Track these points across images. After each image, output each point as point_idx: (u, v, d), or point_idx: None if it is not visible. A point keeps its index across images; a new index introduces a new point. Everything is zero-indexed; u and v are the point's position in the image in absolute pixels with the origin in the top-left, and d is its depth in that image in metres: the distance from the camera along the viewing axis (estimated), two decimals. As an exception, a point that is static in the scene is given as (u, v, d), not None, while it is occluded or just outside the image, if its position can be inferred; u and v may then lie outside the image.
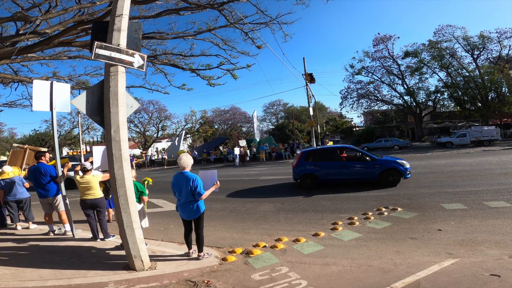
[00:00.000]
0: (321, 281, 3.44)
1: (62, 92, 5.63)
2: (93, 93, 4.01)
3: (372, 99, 42.65)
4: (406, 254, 4.07)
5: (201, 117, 52.65)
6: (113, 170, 3.80)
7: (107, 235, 5.48)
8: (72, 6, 9.53)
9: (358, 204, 7.16)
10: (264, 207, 7.68)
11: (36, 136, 46.90)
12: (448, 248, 4.15)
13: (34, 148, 9.69)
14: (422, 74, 38.18)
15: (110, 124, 3.79)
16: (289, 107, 57.99)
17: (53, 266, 4.24)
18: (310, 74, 23.76)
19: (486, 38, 32.97)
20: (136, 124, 45.75)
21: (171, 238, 5.48)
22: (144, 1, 9.30)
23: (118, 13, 3.86)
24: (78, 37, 10.44)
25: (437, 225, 5.21)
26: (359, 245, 4.60)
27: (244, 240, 5.24)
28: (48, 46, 9.48)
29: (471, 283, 3.08)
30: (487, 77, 31.50)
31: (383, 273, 3.50)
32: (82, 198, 5.34)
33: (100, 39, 3.77)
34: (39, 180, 5.71)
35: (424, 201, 6.89)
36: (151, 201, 9.02)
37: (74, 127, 45.13)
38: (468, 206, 6.16)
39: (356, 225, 5.62)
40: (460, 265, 3.56)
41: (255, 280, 3.58)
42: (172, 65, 13.29)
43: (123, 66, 3.90)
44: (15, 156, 9.46)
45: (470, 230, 4.81)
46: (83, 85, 14.49)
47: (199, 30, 12.40)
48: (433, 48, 35.11)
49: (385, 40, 38.32)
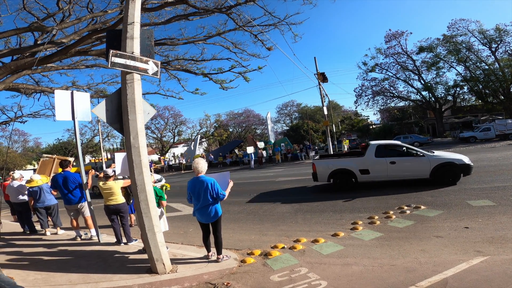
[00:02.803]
0: (342, 281, 3.36)
1: (82, 101, 5.82)
2: (112, 101, 4.12)
3: (388, 96, 41.63)
4: (432, 253, 3.92)
5: (215, 121, 53.14)
6: (133, 176, 3.88)
7: (130, 239, 5.62)
8: (85, 15, 9.89)
9: (378, 203, 6.98)
10: (281, 209, 7.63)
11: (59, 145, 48.78)
12: (476, 246, 3.97)
13: (62, 158, 10.10)
14: (439, 69, 36.95)
15: (129, 131, 3.87)
16: (303, 107, 57.52)
17: (80, 271, 4.40)
18: (323, 73, 23.49)
19: (502, 31, 31.65)
20: (153, 130, 46.69)
21: (191, 241, 5.54)
22: (153, 8, 9.52)
23: (129, 21, 3.96)
24: (93, 46, 10.81)
25: (463, 223, 4.99)
26: (380, 245, 4.47)
27: (262, 241, 5.21)
28: (66, 55, 9.86)
29: (502, 281, 2.93)
30: (508, 70, 30.15)
31: (407, 272, 3.39)
32: (106, 203, 5.52)
33: (114, 48, 3.87)
34: (68, 187, 5.93)
35: (449, 198, 6.63)
36: (170, 205, 9.16)
37: (95, 135, 46.63)
38: (496, 203, 5.87)
39: (377, 225, 5.47)
40: (490, 262, 3.39)
41: (274, 282, 3.55)
42: (184, 70, 13.51)
43: (138, 73, 3.99)
44: (44, 165, 9.88)
45: (499, 227, 4.57)
46: (101, 93, 14.96)
47: (208, 34, 12.56)
48: (448, 42, 34.02)
49: (397, 36, 37.42)
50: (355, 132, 46.19)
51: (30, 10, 10.46)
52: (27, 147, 49.81)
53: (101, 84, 15.67)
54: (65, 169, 6.10)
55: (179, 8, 10.74)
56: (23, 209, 7.20)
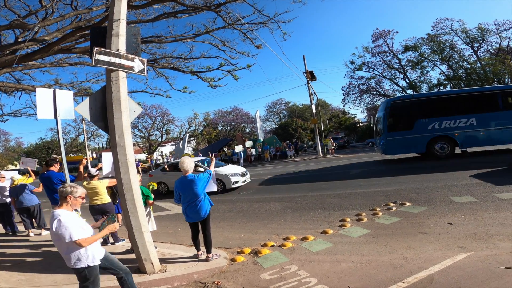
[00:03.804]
0: (331, 278, 3.40)
1: (65, 99, 5.67)
2: (96, 99, 4.03)
3: (375, 94, 42.39)
4: (418, 249, 4.01)
5: (204, 119, 52.79)
6: (119, 175, 3.82)
7: (117, 239, 5.54)
8: (69, 13, 9.61)
9: (365, 200, 7.10)
10: (270, 207, 7.65)
11: (42, 145, 47.41)
12: (460, 242, 4.08)
13: None
14: (423, 68, 37.94)
15: (114, 129, 3.80)
16: (291, 105, 57.88)
17: (66, 271, 4.27)
18: (311, 71, 23.69)
19: (484, 30, 32.76)
20: (140, 129, 45.99)
21: (180, 241, 5.49)
22: (140, 6, 9.33)
23: (115, 18, 3.87)
24: (77, 43, 10.50)
25: (447, 219, 5.13)
26: (368, 241, 4.55)
27: (252, 240, 5.22)
28: (48, 53, 9.55)
29: (486, 277, 3.01)
30: (489, 69, 31.26)
31: (395, 268, 3.46)
32: (91, 203, 5.43)
33: (99, 45, 3.78)
34: (52, 187, 5.77)
35: (433, 195, 6.80)
36: (158, 204, 9.05)
37: (79, 134, 45.54)
38: (478, 199, 6.06)
39: (365, 221, 5.56)
40: (474, 258, 3.49)
41: (265, 280, 3.56)
42: (172, 68, 13.31)
43: (123, 71, 3.91)
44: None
45: (482, 223, 4.72)
46: (85, 91, 14.57)
47: (197, 32, 12.40)
48: (432, 41, 34.95)
49: (384, 35, 38.10)
50: (343, 130, 46.87)
51: (11, 8, 10.08)
52: (8, 147, 48.14)
53: (86, 82, 15.24)
54: (50, 169, 5.93)
55: (167, 5, 10.57)
56: (4, 209, 6.97)
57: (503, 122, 12.07)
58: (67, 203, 2.73)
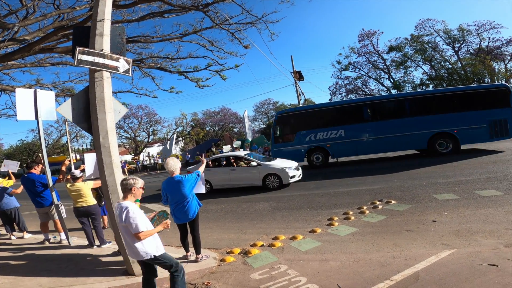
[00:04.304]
0: (321, 277, 3.44)
1: (46, 100, 5.53)
2: (79, 100, 3.94)
3: (361, 94, 43.15)
4: (403, 247, 4.11)
5: (192, 119, 52.27)
6: (104, 177, 3.75)
7: (103, 241, 5.44)
8: (51, 12, 9.30)
9: (352, 199, 7.21)
10: (259, 206, 7.66)
11: (23, 146, 45.79)
12: (443, 239, 4.20)
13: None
14: (407, 68, 38.92)
15: (98, 130, 3.73)
16: (280, 105, 58.10)
17: (51, 274, 4.23)
18: (299, 71, 23.89)
19: (465, 31, 33.93)
20: (126, 130, 45.03)
21: (168, 242, 5.42)
22: (126, 5, 9.14)
23: (99, 17, 3.79)
24: (59, 43, 10.19)
25: (431, 216, 5.27)
26: (356, 240, 4.62)
27: (242, 240, 5.22)
28: (29, 53, 9.24)
29: (470, 273, 3.10)
30: (469, 69, 32.37)
31: (382, 266, 3.52)
32: (75, 206, 5.32)
33: (82, 45, 3.69)
34: (33, 190, 5.63)
35: (417, 193, 6.98)
36: (145, 206, 8.90)
37: (62, 135, 44.23)
38: (460, 196, 6.26)
39: (352, 220, 5.65)
40: (457, 255, 3.60)
41: (255, 280, 3.56)
42: (159, 68, 13.12)
43: (108, 71, 3.83)
44: None
45: (464, 220, 4.87)
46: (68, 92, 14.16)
47: (185, 32, 12.25)
48: (415, 42, 35.91)
49: (370, 36, 38.85)
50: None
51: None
52: (-14, 149, 46.21)
53: (68, 82, 14.80)
54: (30, 171, 5.76)
55: (154, 5, 10.39)
56: None
57: (369, 133, 13.03)
58: (131, 194, 2.87)
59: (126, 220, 2.67)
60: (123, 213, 2.69)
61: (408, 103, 13.08)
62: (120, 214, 2.71)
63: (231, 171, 10.10)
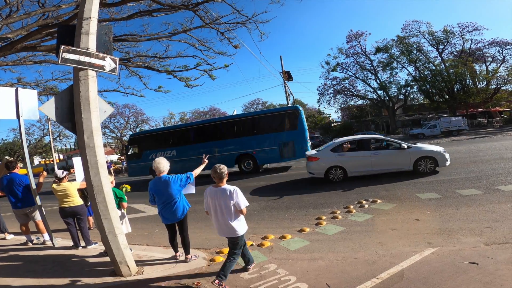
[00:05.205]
0: (309, 276, 3.48)
1: (28, 99, 5.38)
2: (62, 99, 3.85)
3: (348, 94, 43.85)
4: (389, 245, 4.20)
5: (180, 119, 51.74)
6: (89, 177, 3.67)
7: (89, 242, 5.34)
8: (35, 10, 9.06)
9: (339, 198, 7.32)
10: (248, 206, 7.64)
11: (4, 146, 44.18)
12: (426, 238, 4.32)
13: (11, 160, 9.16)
14: (393, 69, 39.85)
15: (83, 130, 3.64)
16: (268, 105, 58.32)
17: (36, 276, 4.14)
18: (288, 72, 24.02)
19: (449, 32, 34.94)
20: (112, 129, 44.15)
21: (157, 242, 5.37)
22: (113, 4, 8.97)
23: (85, 16, 3.70)
24: (43, 41, 9.91)
25: (414, 215, 5.42)
26: (343, 239, 4.70)
27: (230, 241, 5.21)
28: (11, 51, 8.96)
29: (452, 272, 3.20)
30: (452, 70, 33.34)
31: (368, 265, 3.60)
32: (61, 206, 5.18)
33: (67, 43, 3.59)
34: (14, 191, 5.45)
35: (401, 192, 7.16)
36: (133, 206, 8.77)
37: (44, 135, 42.89)
38: (441, 195, 6.46)
39: (339, 219, 5.74)
40: (440, 254, 3.70)
41: (245, 279, 3.57)
42: (146, 67, 12.94)
43: (93, 70, 3.75)
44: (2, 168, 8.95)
45: (446, 219, 5.03)
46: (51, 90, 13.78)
47: (174, 31, 12.13)
48: (401, 43, 36.74)
49: (358, 37, 39.53)
50: (318, 130, 47.93)
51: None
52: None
53: (51, 81, 14.43)
54: (12, 171, 5.58)
55: (142, 3, 10.24)
56: None
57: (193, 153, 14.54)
58: (226, 179, 3.46)
59: (237, 198, 3.32)
60: (234, 193, 3.32)
61: (221, 127, 15.20)
62: (231, 195, 3.31)
63: (373, 155, 9.04)
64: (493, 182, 6.96)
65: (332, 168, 9.22)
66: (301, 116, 13.70)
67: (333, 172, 9.24)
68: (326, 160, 9.31)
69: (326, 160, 9.31)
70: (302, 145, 13.38)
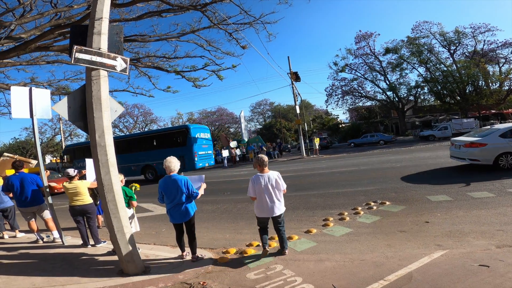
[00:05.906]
0: (316, 277, 3.46)
1: (42, 98, 5.50)
2: (75, 98, 3.93)
3: (356, 95, 43.39)
4: (397, 247, 4.15)
5: (188, 119, 52.16)
6: (100, 176, 3.73)
7: (98, 241, 5.41)
8: (48, 10, 9.28)
9: (347, 200, 7.26)
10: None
11: (16, 145, 45.24)
12: (436, 240, 4.25)
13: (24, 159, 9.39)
14: (403, 70, 39.19)
15: (95, 129, 3.71)
16: (276, 106, 58.31)
17: (45, 274, 4.20)
18: (295, 72, 23.95)
19: (461, 33, 34.22)
20: (121, 129, 44.86)
21: (164, 242, 5.42)
22: (124, 4, 9.12)
23: (97, 16, 3.77)
24: (56, 41, 10.14)
25: (424, 217, 5.33)
26: (350, 240, 4.66)
27: (237, 240, 5.23)
28: (25, 51, 9.19)
29: (462, 274, 3.14)
30: (464, 71, 32.61)
31: (376, 266, 3.56)
32: (71, 204, 5.26)
33: (79, 43, 3.67)
34: (26, 189, 5.54)
35: (411, 194, 7.06)
36: (141, 205, 8.87)
37: (56, 134, 43.78)
38: (452, 198, 6.34)
39: (347, 221, 5.69)
40: (450, 256, 3.64)
41: (251, 279, 3.57)
42: (156, 67, 13.11)
43: (105, 70, 3.81)
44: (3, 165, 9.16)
45: (457, 221, 4.93)
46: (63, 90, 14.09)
47: (182, 31, 12.27)
48: (411, 44, 36.11)
49: (367, 37, 39.07)
50: (326, 131, 47.65)
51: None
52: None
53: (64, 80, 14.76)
54: (20, 170, 5.71)
55: (152, 4, 10.38)
56: None
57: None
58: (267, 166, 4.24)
59: (281, 180, 4.15)
60: (279, 178, 4.15)
61: (132, 142, 18.73)
62: (278, 179, 4.11)
63: None
64: (505, 184, 6.80)
65: (503, 154, 8.54)
66: (190, 134, 16.46)
67: (504, 159, 8.55)
68: (496, 146, 8.60)
69: (496, 146, 8.60)
70: (190, 159, 16.20)
